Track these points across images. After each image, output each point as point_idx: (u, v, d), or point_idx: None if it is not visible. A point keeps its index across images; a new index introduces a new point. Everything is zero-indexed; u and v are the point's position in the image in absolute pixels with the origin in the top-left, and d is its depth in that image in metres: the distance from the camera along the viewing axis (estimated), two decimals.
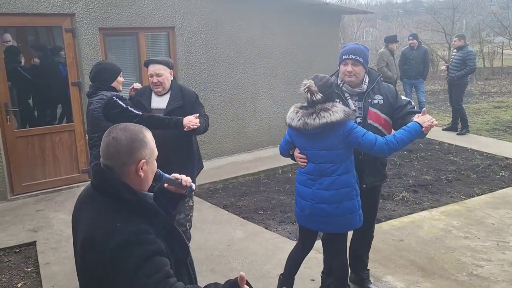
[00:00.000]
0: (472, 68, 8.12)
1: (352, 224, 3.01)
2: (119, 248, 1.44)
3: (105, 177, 1.57)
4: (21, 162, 5.53)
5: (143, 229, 1.51)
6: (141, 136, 1.61)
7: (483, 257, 3.96)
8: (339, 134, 2.84)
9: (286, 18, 7.49)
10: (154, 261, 1.48)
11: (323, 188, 2.93)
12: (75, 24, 5.63)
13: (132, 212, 1.53)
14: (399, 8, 37.70)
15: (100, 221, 1.51)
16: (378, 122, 3.04)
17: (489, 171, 6.34)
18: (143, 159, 1.60)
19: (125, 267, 1.44)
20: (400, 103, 3.10)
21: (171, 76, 3.62)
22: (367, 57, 3.07)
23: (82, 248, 1.53)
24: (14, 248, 4.34)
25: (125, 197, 1.54)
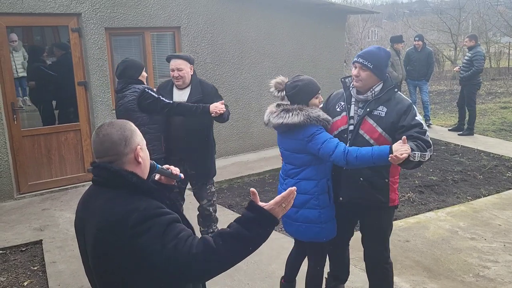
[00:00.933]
0: (478, 69, 8.04)
1: (312, 234, 2.88)
2: (139, 224, 1.48)
3: (108, 169, 1.60)
4: (27, 161, 5.56)
5: (157, 204, 1.56)
6: (128, 125, 1.67)
7: (489, 258, 3.94)
8: (300, 139, 2.78)
9: (292, 18, 7.48)
10: (175, 225, 1.53)
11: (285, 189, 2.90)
12: (81, 24, 5.65)
13: (141, 194, 1.58)
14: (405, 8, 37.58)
15: (111, 208, 1.53)
16: (371, 135, 2.74)
17: (495, 172, 6.30)
18: (138, 145, 1.66)
19: (149, 238, 1.47)
20: (406, 123, 2.68)
21: (191, 71, 3.82)
22: (382, 63, 2.78)
23: (97, 238, 1.53)
24: (20, 246, 4.36)
25: (133, 181, 1.58)
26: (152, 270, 1.49)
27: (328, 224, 2.88)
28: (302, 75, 2.94)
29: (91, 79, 5.77)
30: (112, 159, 1.62)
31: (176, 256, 1.46)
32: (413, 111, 2.72)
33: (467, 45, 8.25)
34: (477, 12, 19.79)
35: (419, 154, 2.52)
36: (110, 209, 1.53)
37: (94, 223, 1.55)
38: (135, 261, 1.48)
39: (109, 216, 1.52)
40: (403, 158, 2.39)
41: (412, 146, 2.52)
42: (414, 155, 2.48)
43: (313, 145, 2.73)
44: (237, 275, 3.72)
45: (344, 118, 2.86)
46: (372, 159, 2.56)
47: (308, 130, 2.74)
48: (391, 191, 2.85)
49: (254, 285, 3.60)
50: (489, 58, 17.68)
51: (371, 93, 2.79)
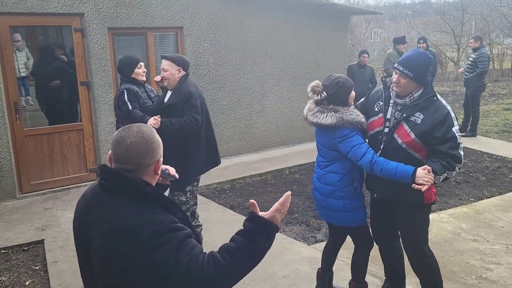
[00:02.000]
0: (483, 71, 8.01)
1: (339, 219, 3.08)
2: (154, 237, 1.48)
3: (121, 175, 1.58)
4: (29, 160, 5.57)
5: (171, 218, 1.57)
6: (155, 136, 1.67)
7: (492, 260, 3.92)
8: (332, 137, 2.92)
9: (294, 19, 7.47)
10: (188, 241, 1.55)
11: (317, 178, 3.13)
12: (84, 24, 5.66)
13: (154, 205, 1.58)
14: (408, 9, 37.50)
15: (125, 217, 1.52)
16: (404, 139, 2.75)
17: (498, 174, 6.28)
18: (160, 158, 1.67)
19: (164, 253, 1.48)
20: (440, 134, 2.67)
21: (179, 73, 3.71)
22: (423, 70, 2.74)
23: (107, 245, 1.52)
24: (22, 246, 4.37)
25: (147, 191, 1.58)
26: (163, 284, 1.50)
27: (354, 212, 3.03)
28: (333, 74, 3.03)
29: (94, 79, 5.78)
30: (133, 168, 1.60)
31: (189, 273, 1.48)
32: (449, 121, 2.70)
33: (472, 46, 8.20)
34: (480, 13, 19.75)
35: (444, 176, 2.65)
36: (123, 218, 1.52)
37: (104, 229, 1.54)
38: (146, 272, 1.49)
39: (122, 225, 1.51)
40: (423, 190, 2.54)
41: (438, 168, 2.62)
42: (438, 179, 2.63)
43: (344, 147, 2.87)
44: None
45: (380, 120, 2.89)
46: (395, 177, 2.68)
47: (340, 132, 2.87)
48: (427, 189, 2.78)
49: (256, 285, 3.59)
50: (492, 59, 17.62)
51: (409, 98, 2.79)
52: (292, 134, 7.80)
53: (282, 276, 3.70)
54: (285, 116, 7.67)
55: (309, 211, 5.13)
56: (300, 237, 4.49)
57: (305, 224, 4.80)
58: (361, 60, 8.62)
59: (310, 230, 4.66)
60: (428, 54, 2.84)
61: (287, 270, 3.80)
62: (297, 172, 6.51)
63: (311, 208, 5.20)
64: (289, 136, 7.78)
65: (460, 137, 2.73)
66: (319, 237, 4.49)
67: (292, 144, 7.80)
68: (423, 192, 2.69)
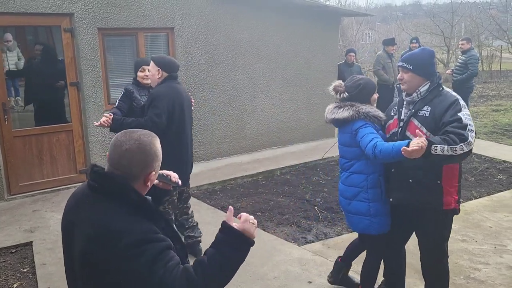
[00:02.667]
0: (473, 72, 8.08)
1: (363, 226, 3.04)
2: (133, 247, 1.47)
3: (114, 180, 1.57)
4: (18, 162, 5.52)
5: (153, 229, 1.54)
6: (153, 149, 1.63)
7: (480, 260, 3.96)
8: (349, 132, 2.98)
9: (286, 20, 7.49)
10: (166, 253, 1.52)
11: (342, 181, 3.12)
12: (74, 24, 5.62)
13: (138, 213, 1.56)
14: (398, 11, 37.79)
15: (107, 222, 1.51)
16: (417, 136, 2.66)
17: (487, 174, 6.34)
18: (153, 171, 1.64)
19: (140, 264, 1.46)
20: (445, 119, 2.65)
21: (159, 73, 3.72)
22: (424, 63, 2.80)
23: (87, 248, 1.52)
24: (10, 248, 4.32)
25: (133, 199, 1.56)
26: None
27: (378, 218, 2.98)
28: (357, 76, 3.15)
29: (84, 80, 5.74)
30: (124, 176, 1.59)
31: (162, 286, 1.46)
32: (456, 107, 2.67)
33: (463, 47, 8.23)
34: (470, 16, 19.97)
35: (445, 147, 2.50)
36: (105, 223, 1.51)
37: (85, 232, 1.53)
38: (120, 279, 1.48)
39: (102, 230, 1.50)
40: (412, 151, 2.40)
41: (436, 139, 2.53)
42: (435, 148, 2.48)
43: (357, 137, 2.90)
44: None
45: (395, 121, 2.94)
46: (392, 153, 2.60)
47: (355, 124, 2.92)
48: (446, 194, 2.78)
49: (246, 286, 3.59)
50: (481, 61, 17.81)
51: (416, 93, 2.83)
52: (284, 135, 7.81)
53: (273, 277, 3.71)
54: (276, 117, 7.68)
55: (299, 212, 5.14)
56: (290, 238, 4.50)
57: (295, 225, 4.81)
58: (348, 59, 8.68)
59: (300, 231, 4.67)
60: (428, 49, 2.92)
61: (278, 271, 3.80)
62: (288, 173, 6.52)
63: (301, 209, 5.21)
64: (281, 137, 7.79)
65: (469, 121, 2.63)
66: (309, 238, 4.50)
67: (283, 145, 7.81)
68: (442, 195, 2.72)
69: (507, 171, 6.43)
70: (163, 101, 3.60)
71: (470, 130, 2.61)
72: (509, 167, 6.62)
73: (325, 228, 4.72)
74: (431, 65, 2.85)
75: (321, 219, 4.94)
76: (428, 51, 2.90)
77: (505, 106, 11.64)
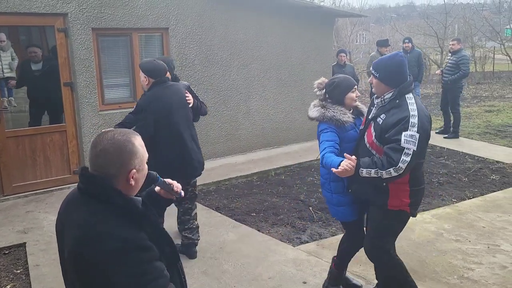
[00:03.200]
0: (465, 73, 8.14)
1: (332, 213, 3.34)
2: (115, 253, 1.45)
3: (95, 182, 1.55)
4: (11, 162, 5.48)
5: (138, 236, 1.51)
6: (129, 146, 1.59)
7: (474, 260, 3.98)
8: (317, 130, 3.16)
9: (280, 21, 7.50)
10: (154, 265, 1.50)
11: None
12: (67, 24, 5.59)
13: (123, 217, 1.53)
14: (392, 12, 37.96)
15: (93, 225, 1.50)
16: (369, 140, 2.90)
17: (480, 175, 6.38)
18: (133, 169, 1.59)
19: (126, 274, 1.44)
20: (389, 136, 2.71)
21: (146, 80, 3.82)
22: (390, 72, 2.82)
23: (73, 249, 1.51)
24: (3, 249, 4.29)
25: (116, 202, 1.53)
26: None
27: (342, 207, 3.19)
28: (338, 75, 3.33)
29: (78, 80, 5.71)
30: (103, 176, 1.57)
31: None
32: (404, 125, 2.67)
33: (454, 48, 8.29)
34: (463, 17, 20.10)
35: (372, 171, 2.69)
36: (92, 226, 1.49)
37: (73, 233, 1.52)
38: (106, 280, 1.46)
39: (88, 231, 1.49)
40: (341, 172, 2.68)
41: (364, 162, 2.71)
42: (361, 172, 2.70)
43: (319, 140, 3.09)
44: (223, 278, 3.71)
45: (364, 120, 3.11)
46: (327, 168, 2.85)
47: (319, 126, 3.12)
48: (392, 196, 2.86)
49: (241, 287, 3.59)
50: (474, 62, 17.95)
51: (381, 99, 2.90)
52: (278, 135, 7.82)
53: (267, 278, 3.71)
54: (270, 117, 7.68)
55: (294, 212, 5.14)
56: (285, 238, 4.50)
57: (290, 225, 4.81)
58: (339, 60, 8.72)
59: (295, 231, 4.68)
60: (398, 57, 2.86)
61: (272, 272, 3.80)
62: (283, 174, 6.52)
63: (296, 210, 5.21)
64: (275, 138, 7.80)
65: (409, 144, 2.63)
66: (304, 238, 4.50)
67: (278, 145, 7.82)
68: (388, 197, 2.84)
69: (500, 172, 6.48)
70: (140, 107, 3.78)
71: (405, 154, 2.63)
72: (502, 167, 6.67)
73: (320, 229, 4.73)
74: (399, 73, 2.82)
75: (315, 220, 4.95)
76: (397, 59, 2.84)
77: (498, 107, 11.72)
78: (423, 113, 2.77)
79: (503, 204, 5.28)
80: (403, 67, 2.86)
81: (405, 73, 2.86)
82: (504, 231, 4.56)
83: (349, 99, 3.13)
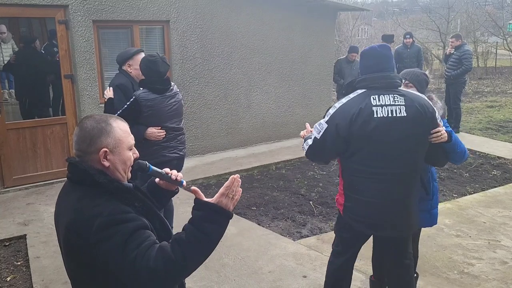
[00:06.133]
0: (468, 67, 8.11)
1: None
2: (101, 229, 1.45)
3: (77, 165, 1.57)
4: (12, 155, 5.47)
5: (122, 209, 1.51)
6: (102, 124, 1.59)
7: (474, 255, 3.98)
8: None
9: (282, 14, 7.45)
10: (139, 233, 1.48)
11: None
12: (68, 16, 5.56)
13: (110, 196, 1.53)
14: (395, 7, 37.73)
15: (80, 209, 1.51)
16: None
17: (481, 170, 6.37)
18: (105, 148, 1.57)
19: (111, 247, 1.44)
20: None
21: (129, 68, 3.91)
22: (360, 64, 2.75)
23: (65, 236, 1.53)
24: (3, 241, 4.29)
25: (100, 181, 1.53)
26: (113, 279, 1.47)
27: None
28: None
29: (78, 72, 5.69)
30: (78, 154, 1.59)
31: (135, 270, 1.43)
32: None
33: (453, 45, 8.28)
34: (466, 12, 20.00)
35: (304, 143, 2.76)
36: (79, 210, 1.50)
37: (64, 220, 1.54)
38: (96, 266, 1.47)
39: (76, 217, 1.50)
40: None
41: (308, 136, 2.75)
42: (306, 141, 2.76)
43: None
44: (223, 271, 3.71)
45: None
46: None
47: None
48: (339, 192, 2.77)
49: (241, 281, 3.59)
50: (477, 57, 17.87)
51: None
52: (279, 129, 7.80)
53: (267, 271, 3.71)
54: (271, 111, 7.66)
55: (294, 206, 5.14)
56: (285, 232, 4.50)
57: (290, 219, 4.81)
58: (349, 57, 8.68)
59: (295, 225, 4.67)
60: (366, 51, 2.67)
61: (272, 265, 3.80)
62: (284, 168, 6.51)
63: (296, 204, 5.21)
64: (276, 132, 7.78)
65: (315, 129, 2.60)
66: (304, 233, 4.50)
67: (279, 139, 7.80)
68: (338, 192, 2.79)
69: (501, 167, 6.47)
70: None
71: (310, 138, 2.65)
72: (503, 163, 6.65)
73: (320, 223, 4.73)
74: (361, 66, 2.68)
75: (316, 214, 4.95)
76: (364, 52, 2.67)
77: (500, 102, 11.68)
78: (349, 111, 2.48)
79: (504, 199, 5.27)
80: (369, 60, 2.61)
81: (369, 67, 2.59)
82: (505, 226, 4.55)
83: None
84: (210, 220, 1.54)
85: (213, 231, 1.54)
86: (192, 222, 1.55)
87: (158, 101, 3.60)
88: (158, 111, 3.61)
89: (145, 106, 3.56)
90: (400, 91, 2.55)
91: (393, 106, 2.48)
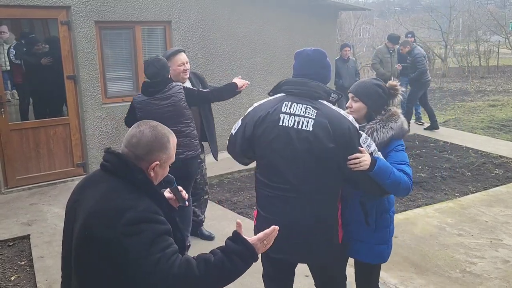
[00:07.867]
0: (423, 69, 8.16)
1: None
2: (133, 223, 1.48)
3: (121, 158, 1.61)
4: (15, 155, 5.50)
5: (155, 209, 1.56)
6: (164, 139, 1.66)
7: (476, 254, 3.99)
8: None
9: (283, 14, 7.46)
10: (165, 237, 1.53)
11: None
12: (70, 17, 5.58)
13: (143, 193, 1.58)
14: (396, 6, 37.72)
15: (110, 198, 1.53)
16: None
17: (483, 169, 6.37)
18: (157, 162, 1.64)
19: (138, 242, 1.46)
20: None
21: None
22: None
23: (86, 221, 1.53)
24: (7, 241, 4.32)
25: (138, 178, 1.58)
26: (128, 274, 1.48)
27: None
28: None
29: (81, 73, 5.71)
30: (128, 153, 1.63)
31: (156, 270, 1.46)
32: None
33: (402, 52, 8.39)
34: (468, 11, 19.98)
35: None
36: (109, 198, 1.53)
37: (87, 207, 1.55)
38: (115, 259, 1.48)
39: (104, 205, 1.52)
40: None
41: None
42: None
43: None
44: None
45: None
46: None
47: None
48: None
49: (243, 280, 3.60)
50: (479, 56, 17.85)
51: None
52: None
53: None
54: None
55: None
56: None
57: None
58: (343, 54, 8.65)
59: None
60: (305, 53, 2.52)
61: None
62: None
63: None
64: None
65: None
66: None
67: None
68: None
69: (503, 166, 6.46)
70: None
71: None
72: (505, 162, 6.65)
73: None
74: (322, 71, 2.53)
75: None
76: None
77: (502, 101, 11.67)
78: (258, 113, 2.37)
79: (506, 198, 5.27)
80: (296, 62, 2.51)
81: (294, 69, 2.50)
82: (507, 225, 4.55)
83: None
84: (242, 257, 1.60)
85: (239, 267, 1.60)
86: (224, 250, 1.61)
87: (146, 103, 3.64)
88: (149, 113, 3.52)
89: (137, 108, 3.68)
90: (316, 104, 2.25)
91: (302, 118, 2.22)
